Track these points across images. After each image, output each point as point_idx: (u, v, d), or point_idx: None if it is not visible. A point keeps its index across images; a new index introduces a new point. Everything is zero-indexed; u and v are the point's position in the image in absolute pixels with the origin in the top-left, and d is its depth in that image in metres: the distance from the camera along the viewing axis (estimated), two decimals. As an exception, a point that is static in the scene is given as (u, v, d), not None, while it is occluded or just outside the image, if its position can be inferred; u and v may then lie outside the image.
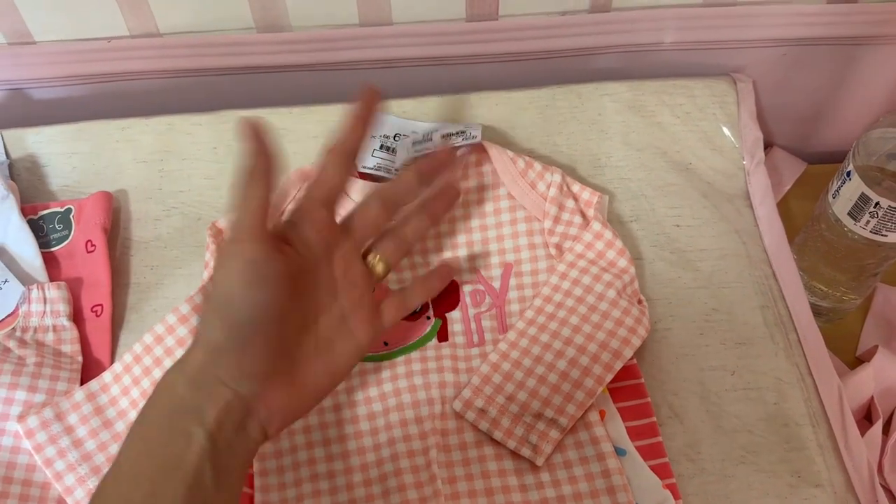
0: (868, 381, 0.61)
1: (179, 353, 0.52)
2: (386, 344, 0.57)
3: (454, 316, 0.58)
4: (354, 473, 0.52)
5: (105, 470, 0.51)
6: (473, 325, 0.57)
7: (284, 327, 0.45)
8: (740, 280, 0.60)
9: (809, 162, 0.75)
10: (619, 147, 0.65)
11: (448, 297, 0.58)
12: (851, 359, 0.65)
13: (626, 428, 0.53)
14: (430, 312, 0.58)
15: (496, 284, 0.59)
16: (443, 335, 0.57)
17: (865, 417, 0.61)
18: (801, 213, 0.71)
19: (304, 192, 0.50)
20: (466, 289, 0.59)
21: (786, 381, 0.56)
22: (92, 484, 0.51)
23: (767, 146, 0.74)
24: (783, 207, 0.70)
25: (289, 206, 0.54)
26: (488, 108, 0.67)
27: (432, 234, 0.60)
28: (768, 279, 0.60)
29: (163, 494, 0.40)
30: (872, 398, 0.61)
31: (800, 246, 0.65)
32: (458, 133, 0.62)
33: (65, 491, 0.51)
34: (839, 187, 0.58)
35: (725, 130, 0.66)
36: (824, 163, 0.74)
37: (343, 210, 0.52)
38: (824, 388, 0.56)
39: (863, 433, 0.56)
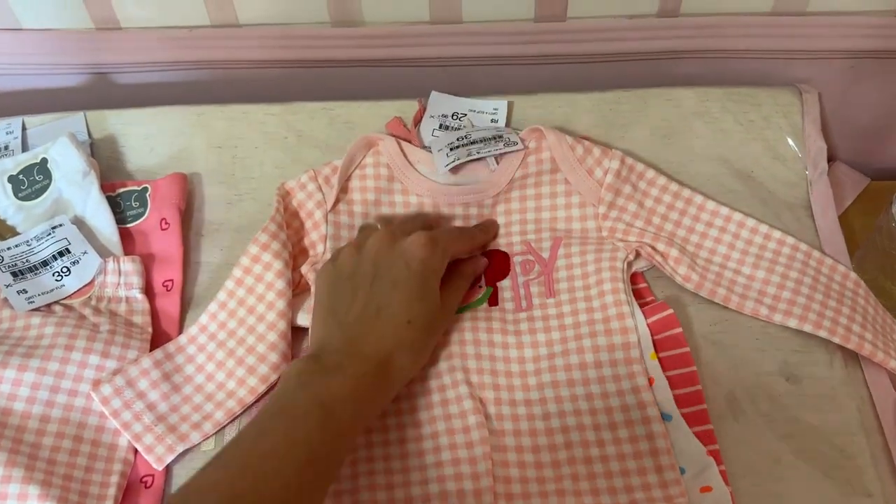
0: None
1: (232, 324, 0.58)
2: None
3: (504, 284, 0.60)
4: (404, 416, 0.54)
5: (181, 429, 0.54)
6: (522, 292, 0.59)
7: None
8: (798, 288, 0.60)
9: (872, 178, 0.75)
10: (682, 152, 0.66)
11: (499, 268, 0.61)
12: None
13: (674, 395, 0.54)
14: (483, 282, 0.60)
15: (545, 255, 0.61)
16: (493, 301, 0.59)
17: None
18: (861, 228, 0.70)
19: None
20: (517, 259, 0.61)
21: (841, 391, 0.56)
22: (171, 440, 0.54)
23: (830, 160, 0.74)
24: (844, 222, 0.69)
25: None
26: (552, 109, 0.68)
27: (487, 214, 0.63)
28: (827, 289, 0.60)
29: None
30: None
31: (860, 260, 0.65)
32: (496, 138, 0.63)
33: (145, 450, 0.54)
34: (903, 199, 0.57)
35: (789, 140, 0.66)
36: (888, 179, 0.74)
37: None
38: (880, 401, 0.56)
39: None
